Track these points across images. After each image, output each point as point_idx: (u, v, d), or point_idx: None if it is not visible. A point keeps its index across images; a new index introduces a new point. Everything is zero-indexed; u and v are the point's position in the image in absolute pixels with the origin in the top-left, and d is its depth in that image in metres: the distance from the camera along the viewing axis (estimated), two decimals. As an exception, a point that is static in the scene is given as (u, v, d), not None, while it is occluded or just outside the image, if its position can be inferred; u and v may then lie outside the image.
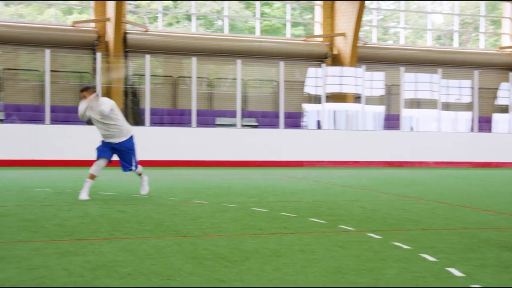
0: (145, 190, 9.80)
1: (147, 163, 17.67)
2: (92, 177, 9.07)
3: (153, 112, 21.33)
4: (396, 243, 5.79)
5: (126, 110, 22.22)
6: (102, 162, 9.16)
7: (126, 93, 22.45)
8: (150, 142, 18.18)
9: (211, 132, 19.60)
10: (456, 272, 4.62)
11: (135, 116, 22.04)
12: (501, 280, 4.40)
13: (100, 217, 7.13)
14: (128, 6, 24.74)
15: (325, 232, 6.41)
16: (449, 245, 5.77)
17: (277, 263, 4.89)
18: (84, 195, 8.89)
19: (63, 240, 5.64)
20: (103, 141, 9.34)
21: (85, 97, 9.26)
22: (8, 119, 20.28)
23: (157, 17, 26.05)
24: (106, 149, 9.24)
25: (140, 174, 9.74)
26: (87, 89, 9.38)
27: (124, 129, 9.35)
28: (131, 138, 9.46)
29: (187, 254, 5.15)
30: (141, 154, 17.83)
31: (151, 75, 22.65)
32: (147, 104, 18.92)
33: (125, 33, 22.77)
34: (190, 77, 20.07)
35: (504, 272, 4.67)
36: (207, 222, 6.93)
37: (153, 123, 20.46)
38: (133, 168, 9.42)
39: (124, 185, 11.55)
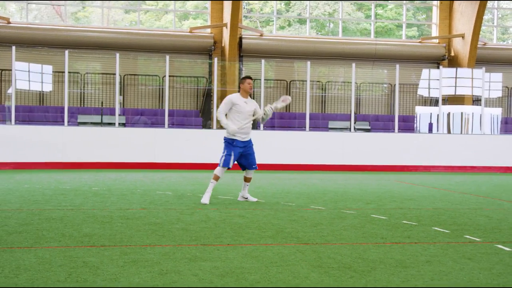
0: (252, 198, 9.78)
1: (261, 167, 17.87)
2: (216, 178, 9.30)
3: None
4: (528, 257, 5.54)
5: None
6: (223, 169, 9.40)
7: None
8: (263, 145, 18.36)
9: (324, 136, 19.53)
10: None
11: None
12: None
13: (222, 222, 7.27)
14: (242, 10, 25.14)
15: (451, 243, 6.23)
16: None
17: (405, 274, 4.80)
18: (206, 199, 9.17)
19: (189, 245, 5.80)
20: (235, 144, 9.35)
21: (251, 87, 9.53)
22: (129, 123, 21.12)
23: (269, 20, 26.31)
24: (231, 157, 9.34)
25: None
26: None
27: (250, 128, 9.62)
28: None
29: (311, 262, 5.16)
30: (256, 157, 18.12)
31: (265, 79, 22.93)
32: (261, 107, 19.13)
33: (241, 38, 23.16)
34: (302, 80, 20.11)
35: None
36: (327, 229, 6.91)
37: (267, 126, 20.66)
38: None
39: (240, 189, 11.69)
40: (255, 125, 18.61)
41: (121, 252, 5.39)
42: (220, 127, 21.55)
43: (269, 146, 18.36)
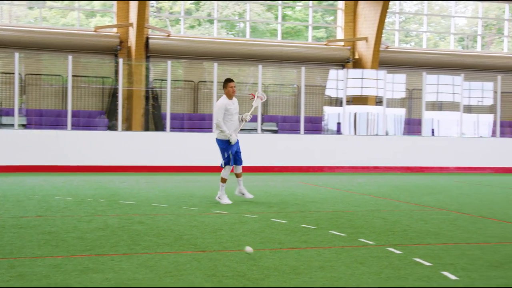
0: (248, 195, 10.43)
1: (166, 169, 17.74)
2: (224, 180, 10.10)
3: (174, 117, 21.39)
4: (417, 259, 5.75)
5: (146, 114, 22.31)
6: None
7: (147, 98, 22.54)
8: (170, 147, 18.24)
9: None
10: (478, 293, 4.58)
11: (155, 121, 22.13)
12: (523, 303, 4.35)
13: (120, 229, 7.16)
14: (150, 8, 24.85)
15: (345, 247, 6.38)
16: (471, 261, 5.72)
17: (297, 281, 4.87)
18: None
19: (83, 255, 5.67)
20: (228, 143, 10.03)
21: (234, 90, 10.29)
22: (30, 124, 20.45)
23: (179, 19, 26.13)
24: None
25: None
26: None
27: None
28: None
29: (206, 271, 5.15)
30: (162, 159, 17.98)
31: (173, 80, 22.74)
32: (168, 109, 18.99)
33: (147, 38, 22.87)
34: (211, 81, 20.10)
35: (527, 293, 4.61)
36: (227, 235, 6.93)
37: (173, 128, 20.51)
38: (220, 164, 10.29)
39: (143, 193, 11.58)
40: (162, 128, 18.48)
41: (9, 265, 5.20)
42: (127, 128, 21.23)
43: (177, 148, 18.25)
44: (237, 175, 10.33)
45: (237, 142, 10.25)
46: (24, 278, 4.79)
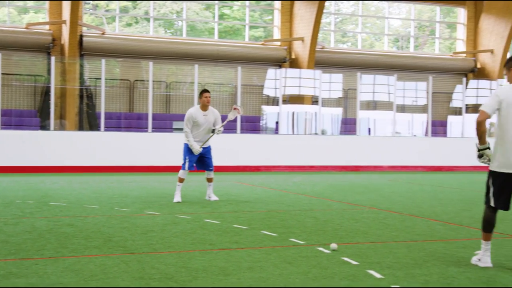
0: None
1: (101, 169, 17.48)
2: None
3: (109, 116, 21.10)
4: (345, 258, 5.84)
5: (80, 113, 21.91)
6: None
7: (81, 96, 22.14)
8: (105, 147, 17.97)
9: (168, 136, 19.46)
10: (400, 291, 4.68)
11: (90, 120, 21.75)
12: (443, 300, 4.48)
13: (48, 232, 7.01)
14: (86, 6, 24.43)
15: (275, 247, 6.42)
16: (396, 259, 5.84)
17: (225, 282, 4.88)
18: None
19: (6, 260, 5.53)
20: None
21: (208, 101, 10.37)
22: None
23: (116, 17, 25.76)
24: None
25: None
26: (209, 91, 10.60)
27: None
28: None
29: (133, 274, 5.10)
30: (96, 159, 17.69)
31: (108, 79, 22.41)
32: (102, 108, 18.71)
33: (81, 35, 22.47)
34: (147, 80, 19.92)
35: (447, 290, 4.75)
36: (157, 237, 6.88)
37: (109, 127, 20.22)
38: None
39: (75, 194, 11.38)
40: (97, 126, 18.18)
41: None
42: (59, 128, 20.81)
43: (111, 148, 17.99)
44: (208, 180, 10.76)
45: (208, 148, 10.72)
46: None
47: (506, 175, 5.54)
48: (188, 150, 10.41)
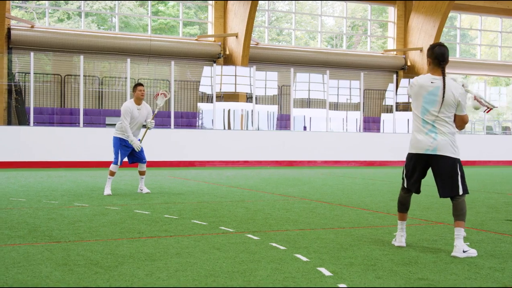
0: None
1: (30, 164, 17.07)
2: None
3: (40, 111, 20.65)
4: (273, 244, 5.89)
5: (9, 109, 21.34)
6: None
7: (10, 91, 21.55)
8: (35, 142, 17.56)
9: (100, 132, 19.17)
10: (326, 272, 4.75)
11: (19, 115, 21.21)
12: (366, 278, 4.57)
13: (-30, 223, 6.81)
14: (14, 1, 23.80)
15: (205, 234, 6.42)
16: (323, 244, 5.93)
17: (151, 267, 4.84)
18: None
19: None
20: (124, 144, 10.29)
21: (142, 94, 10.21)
22: None
23: (46, 12, 25.17)
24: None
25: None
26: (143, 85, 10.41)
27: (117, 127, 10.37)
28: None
29: (57, 261, 5.00)
30: (24, 154, 17.26)
31: (39, 73, 21.91)
32: (31, 103, 18.27)
33: (9, 28, 21.87)
34: (78, 75, 19.57)
35: (371, 270, 4.85)
36: (85, 226, 6.77)
37: (40, 122, 19.77)
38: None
39: (1, 188, 11.08)
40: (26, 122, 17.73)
41: None
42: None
43: (41, 143, 17.60)
44: (140, 173, 10.60)
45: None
46: None
47: (416, 155, 5.79)
48: (119, 144, 10.23)
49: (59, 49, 23.03)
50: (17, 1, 24.31)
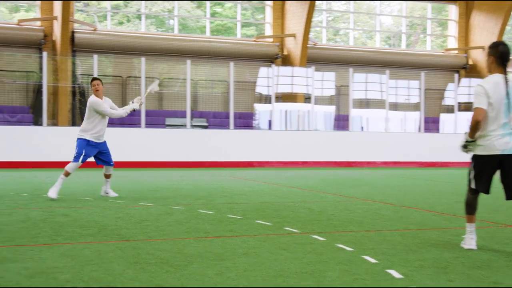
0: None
1: (94, 164, 17.43)
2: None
3: (102, 112, 21.04)
4: (339, 245, 5.85)
5: (73, 110, 21.87)
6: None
7: (73, 93, 22.09)
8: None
9: (161, 132, 19.45)
10: (396, 274, 4.70)
11: (82, 117, 21.70)
12: (438, 281, 4.49)
13: (42, 222, 7.00)
14: (77, 4, 24.37)
15: (270, 235, 6.43)
16: (391, 246, 5.86)
17: (220, 267, 4.88)
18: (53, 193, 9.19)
19: (1, 246, 5.52)
20: (89, 143, 9.68)
21: (97, 89, 9.61)
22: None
23: (106, 15, 25.71)
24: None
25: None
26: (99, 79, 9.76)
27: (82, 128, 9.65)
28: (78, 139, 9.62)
29: (129, 259, 5.10)
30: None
31: (101, 75, 22.36)
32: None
33: (73, 32, 22.41)
34: (140, 77, 19.89)
35: (442, 273, 4.77)
36: (152, 226, 6.88)
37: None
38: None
39: (69, 187, 11.36)
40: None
41: None
42: (53, 124, 20.74)
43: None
44: (106, 176, 10.02)
45: (105, 143, 9.98)
46: None
47: (486, 157, 5.71)
48: (85, 145, 9.58)
49: (120, 51, 23.46)
50: (79, 4, 24.86)
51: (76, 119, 21.86)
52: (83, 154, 9.53)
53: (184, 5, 27.14)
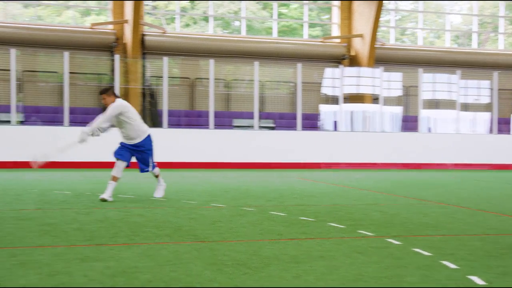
0: (159, 194, 9.82)
1: (164, 165, 17.71)
2: (115, 179, 9.15)
3: (171, 114, 21.37)
4: (417, 250, 5.75)
5: (143, 111, 22.30)
6: (121, 164, 9.23)
7: (143, 95, 22.52)
8: (168, 144, 18.20)
9: (229, 133, 19.59)
10: (478, 281, 4.57)
11: (152, 118, 22.12)
12: (524, 289, 4.36)
13: (119, 221, 7.15)
14: (146, 7, 24.82)
15: (344, 238, 6.38)
16: (470, 251, 5.71)
17: (297, 270, 4.86)
18: (106, 196, 9.03)
19: (83, 245, 5.66)
20: (121, 143, 9.39)
21: (105, 100, 9.36)
22: (27, 121, 20.43)
23: (174, 18, 26.10)
24: (124, 151, 9.33)
25: (157, 176, 9.77)
26: (106, 91, 9.45)
27: (139, 130, 9.43)
28: (147, 138, 9.48)
29: (206, 260, 5.15)
30: (158, 156, 17.91)
31: (169, 77, 22.72)
32: (165, 106, 18.97)
33: (143, 35, 22.85)
34: (207, 78, 20.09)
35: (527, 280, 4.61)
36: (225, 227, 6.92)
37: (171, 124, 20.49)
38: (149, 169, 9.49)
39: (143, 187, 11.59)
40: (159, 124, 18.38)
41: (10, 254, 5.20)
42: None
43: (174, 144, 18.22)
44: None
45: (136, 147, 9.68)
46: (25, 265, 4.78)
47: None
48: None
49: (188, 53, 23.77)
50: (147, 7, 25.31)
51: (145, 120, 22.27)
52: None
53: (250, 7, 27.27)
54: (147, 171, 9.62)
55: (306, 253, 5.51)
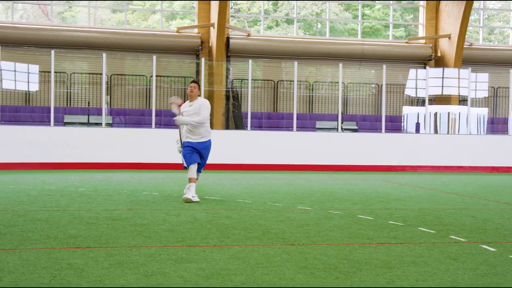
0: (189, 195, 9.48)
1: (247, 167, 17.88)
2: (193, 180, 9.45)
3: (254, 116, 21.56)
4: (513, 257, 5.57)
5: (227, 113, 22.57)
6: (194, 167, 9.53)
7: (227, 97, 22.80)
8: (251, 145, 18.36)
9: (311, 136, 19.55)
10: None
11: (236, 120, 22.36)
12: None
13: (208, 223, 7.26)
14: (230, 10, 25.11)
15: (436, 243, 6.25)
16: None
17: (390, 275, 4.81)
18: (190, 195, 9.27)
19: (175, 246, 5.79)
20: (186, 144, 9.59)
21: (194, 89, 9.77)
22: (114, 123, 21.06)
23: (256, 20, 26.28)
24: (191, 154, 9.54)
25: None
26: (198, 83, 9.94)
27: (208, 130, 9.86)
28: (210, 139, 9.95)
29: (297, 263, 5.16)
30: (243, 157, 18.12)
31: (253, 79, 22.91)
32: (249, 108, 19.14)
33: (228, 38, 23.13)
34: (290, 80, 20.13)
35: None
36: (314, 230, 6.91)
37: (253, 126, 20.67)
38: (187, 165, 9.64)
39: (226, 189, 11.73)
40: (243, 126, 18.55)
41: (107, 253, 5.37)
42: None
43: (257, 146, 18.35)
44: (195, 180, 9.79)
45: (200, 146, 9.78)
46: (122, 265, 4.93)
47: None
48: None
49: (271, 55, 23.89)
50: (232, 10, 25.60)
51: (229, 122, 22.55)
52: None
53: (332, 8, 27.13)
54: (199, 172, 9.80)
55: (398, 258, 5.43)
